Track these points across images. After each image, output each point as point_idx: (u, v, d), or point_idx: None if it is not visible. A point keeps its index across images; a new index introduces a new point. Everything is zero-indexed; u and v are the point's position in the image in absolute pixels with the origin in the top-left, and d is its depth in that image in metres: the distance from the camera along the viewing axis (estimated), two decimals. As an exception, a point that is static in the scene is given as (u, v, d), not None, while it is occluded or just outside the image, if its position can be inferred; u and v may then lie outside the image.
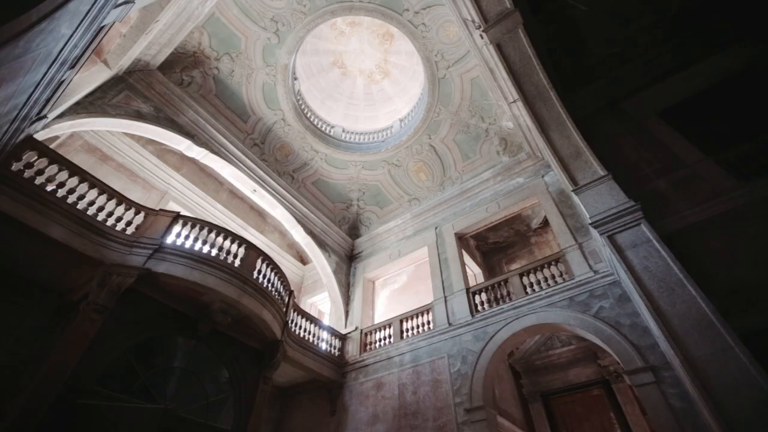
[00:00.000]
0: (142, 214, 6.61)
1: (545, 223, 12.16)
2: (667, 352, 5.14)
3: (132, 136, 9.39)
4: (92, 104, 7.13)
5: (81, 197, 5.80)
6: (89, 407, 4.80)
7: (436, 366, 8.00)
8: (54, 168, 5.75)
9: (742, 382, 3.92)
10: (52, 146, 7.55)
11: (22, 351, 5.58)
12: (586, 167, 6.60)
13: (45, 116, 5.41)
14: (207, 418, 6.32)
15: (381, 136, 12.59)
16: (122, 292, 5.60)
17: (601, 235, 5.79)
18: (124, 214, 6.36)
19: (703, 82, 7.37)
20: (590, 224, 6.00)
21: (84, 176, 6.02)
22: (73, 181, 5.93)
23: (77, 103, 6.83)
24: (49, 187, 5.52)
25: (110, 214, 6.11)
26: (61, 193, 5.62)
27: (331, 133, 12.38)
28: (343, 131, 12.75)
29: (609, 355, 9.20)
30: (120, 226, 6.21)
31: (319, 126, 12.08)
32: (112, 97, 7.56)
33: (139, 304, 6.02)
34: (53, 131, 6.66)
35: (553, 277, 7.78)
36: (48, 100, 5.16)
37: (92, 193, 6.16)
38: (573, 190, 6.50)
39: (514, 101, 8.40)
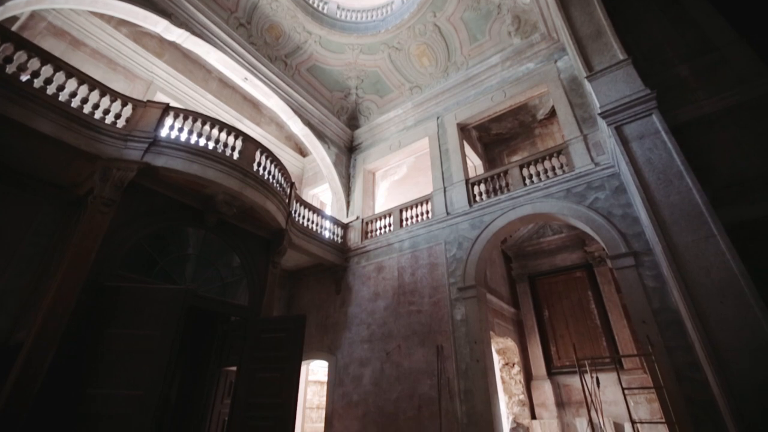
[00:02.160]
0: (129, 106, 6.31)
1: (551, 113, 11.68)
2: (652, 239, 5.44)
3: (101, 17, 8.39)
4: (47, -26, 6.19)
5: (60, 88, 5.45)
6: (117, 288, 5.30)
7: (434, 251, 8.58)
8: (22, 55, 5.27)
9: (714, 265, 4.22)
10: (12, 29, 6.81)
11: (42, 242, 5.94)
12: (605, 50, 6.04)
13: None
14: (225, 296, 7.05)
15: (380, 13, 11.23)
16: (126, 186, 5.68)
17: (608, 126, 5.60)
18: (110, 106, 6.05)
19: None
20: (599, 114, 5.75)
21: (58, 64, 5.55)
22: (47, 70, 5.48)
23: (29, -27, 5.93)
24: (24, 77, 5.14)
25: (96, 107, 5.82)
26: (38, 83, 5.26)
27: (325, 11, 11.03)
28: (338, 8, 11.33)
29: (596, 243, 9.79)
30: (109, 119, 5.97)
31: (310, 1, 10.68)
32: (68, -36, 6.52)
33: (145, 197, 6.16)
34: (8, 9, 5.92)
35: (553, 169, 7.79)
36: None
37: (72, 84, 5.76)
38: (587, 77, 6.06)
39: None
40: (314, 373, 10.76)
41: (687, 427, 4.76)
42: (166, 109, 6.52)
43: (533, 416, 9.68)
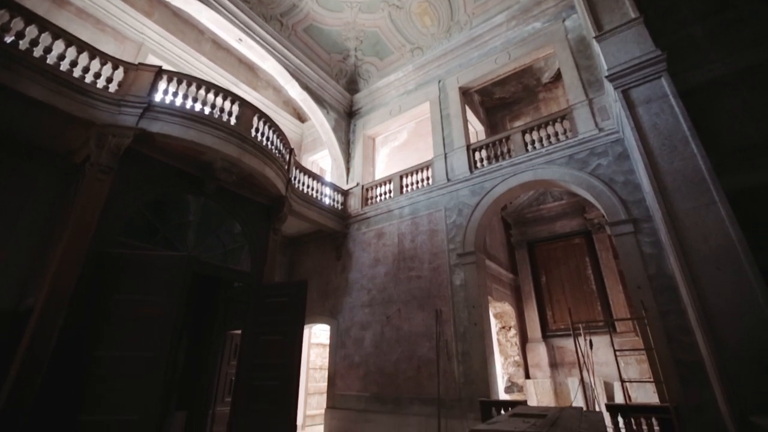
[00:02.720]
0: (121, 70, 6.10)
1: (557, 76, 11.32)
2: (652, 205, 5.43)
3: (84, -31, 7.93)
4: (23, -77, 5.78)
5: (47, 50, 5.24)
6: (120, 255, 5.36)
7: (434, 218, 8.61)
8: (5, 14, 5.03)
9: (713, 232, 4.23)
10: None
11: (43, 210, 5.96)
12: (616, 7, 5.75)
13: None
14: (227, 263, 7.15)
15: (380, -34, 10.59)
16: (123, 152, 5.60)
17: (615, 89, 5.43)
18: (101, 69, 5.85)
19: None
20: (606, 77, 5.56)
21: (43, 24, 5.31)
22: (32, 31, 5.26)
23: None
24: (8, 39, 4.93)
25: (86, 70, 5.62)
26: (23, 45, 5.05)
27: (321, -37, 10.40)
28: (335, -40, 10.68)
29: (595, 209, 9.80)
30: (100, 83, 5.79)
31: (305, -47, 10.06)
32: None
33: (143, 164, 6.10)
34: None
35: (556, 134, 7.65)
36: None
37: (59, 46, 5.55)
38: (595, 37, 5.81)
39: None
40: (316, 336, 11.13)
41: (674, 386, 4.97)
42: (159, 72, 6.31)
43: (527, 376, 10.11)
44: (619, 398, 8.20)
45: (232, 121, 6.80)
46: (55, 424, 4.42)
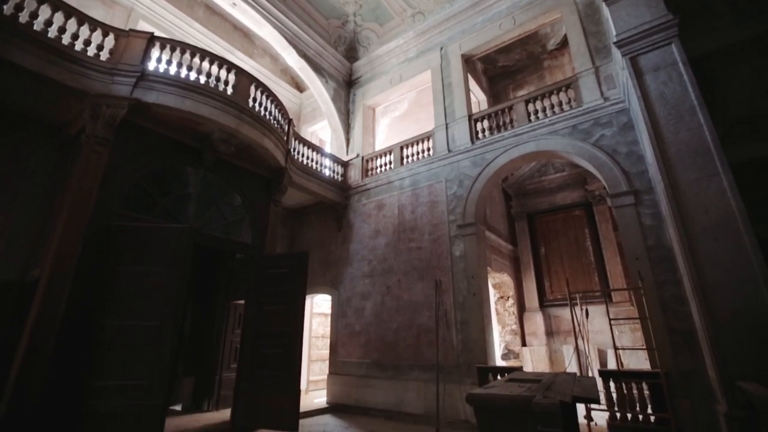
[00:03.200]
0: (111, 37, 5.89)
1: (563, 43, 10.94)
2: (655, 177, 5.39)
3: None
4: None
5: (33, 15, 5.04)
6: (122, 228, 5.38)
7: (434, 189, 8.58)
8: (-13, -25, 4.79)
9: (714, 203, 4.23)
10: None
11: (43, 182, 5.94)
12: (628, -32, 5.47)
13: None
14: (228, 235, 7.19)
15: None
16: (118, 124, 5.51)
17: (623, 56, 5.26)
18: (90, 36, 5.64)
19: None
20: (614, 43, 5.38)
21: (28, -14, 5.09)
22: (16, -6, 5.04)
23: None
24: (-7, 2, 4.73)
25: (75, 37, 5.43)
26: (8, 9, 4.85)
27: None
28: None
29: (597, 181, 9.74)
30: (91, 51, 5.61)
31: None
32: None
33: (140, 136, 6.01)
34: None
35: (560, 104, 7.48)
36: None
37: (45, 11, 5.32)
38: (605, 0, 5.57)
39: None
40: (318, 306, 11.36)
41: (665, 353, 5.12)
42: (151, 39, 6.10)
43: (524, 344, 10.40)
44: (612, 365, 8.48)
45: (229, 90, 6.64)
46: (69, 389, 4.60)
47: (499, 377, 5.99)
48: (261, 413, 6.11)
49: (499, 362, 9.65)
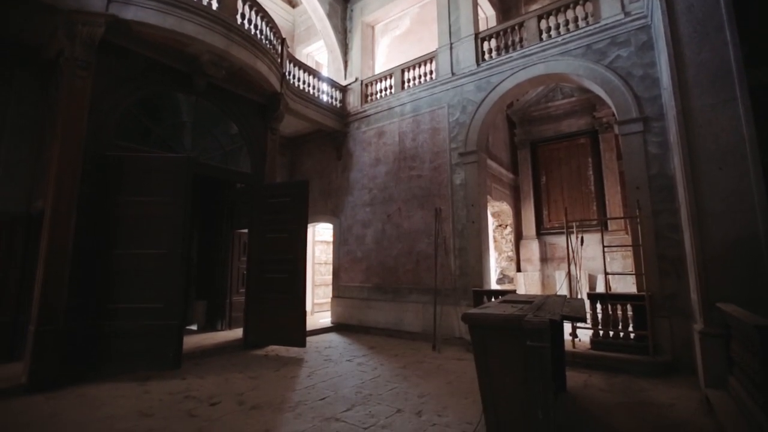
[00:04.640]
0: (76, -62, 5.21)
1: (586, -56, 9.68)
2: (667, 102, 5.14)
3: None
4: None
5: None
6: (119, 158, 5.30)
7: (436, 115, 8.28)
8: None
9: (725, 130, 4.08)
10: None
11: (30, 112, 5.73)
12: None
13: None
14: (227, 164, 7.11)
15: None
16: (98, 45, 5.12)
17: (651, -39, 4.69)
18: (52, -63, 4.99)
19: None
20: (643, -54, 4.76)
21: None
22: None
23: None
24: None
25: (35, -61, 4.81)
26: None
27: None
28: None
29: (606, 107, 9.34)
30: (55, -44, 5.00)
31: None
32: None
33: (125, 59, 5.64)
34: None
35: (575, 20, 6.87)
36: None
37: None
38: None
39: None
40: (320, 234, 11.66)
41: (653, 278, 5.36)
42: (121, -59, 5.40)
43: (518, 269, 10.87)
44: (600, 289, 8.94)
45: (214, 4, 6.07)
46: (90, 312, 4.91)
47: (493, 299, 6.35)
48: (271, 331, 6.62)
49: (494, 286, 10.18)
